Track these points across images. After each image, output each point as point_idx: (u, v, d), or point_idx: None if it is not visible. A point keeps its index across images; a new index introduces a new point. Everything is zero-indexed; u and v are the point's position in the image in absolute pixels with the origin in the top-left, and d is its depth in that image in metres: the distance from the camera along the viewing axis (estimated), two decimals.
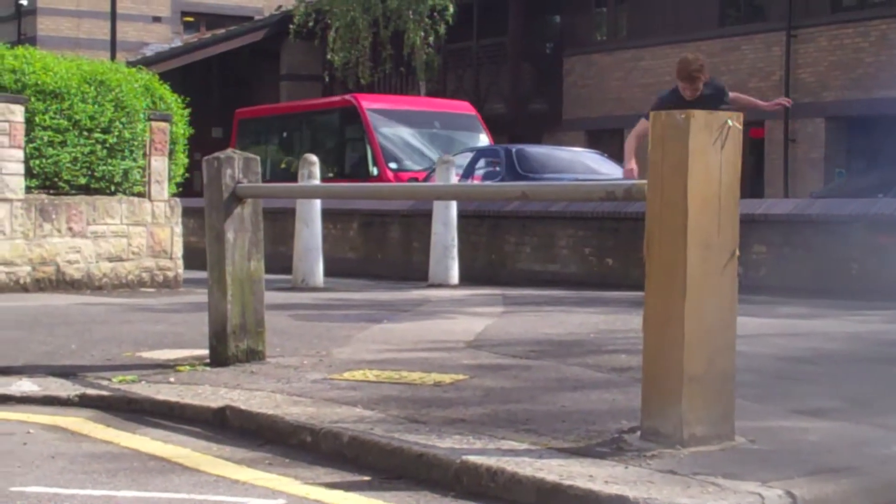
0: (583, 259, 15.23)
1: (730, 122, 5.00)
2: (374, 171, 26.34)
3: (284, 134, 32.11)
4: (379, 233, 18.70)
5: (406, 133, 26.98)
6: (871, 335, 9.14)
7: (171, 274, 15.13)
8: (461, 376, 7.07)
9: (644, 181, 5.18)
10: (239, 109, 34.30)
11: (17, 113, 13.34)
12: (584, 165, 22.10)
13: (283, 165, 30.59)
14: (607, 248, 14.77)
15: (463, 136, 27.12)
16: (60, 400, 6.86)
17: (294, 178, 28.63)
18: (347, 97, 29.53)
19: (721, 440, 5.03)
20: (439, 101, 29.52)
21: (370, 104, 27.78)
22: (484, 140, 27.16)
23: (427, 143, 26.29)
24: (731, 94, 10.78)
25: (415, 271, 16.36)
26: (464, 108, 28.81)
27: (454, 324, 10.35)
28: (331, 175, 28.41)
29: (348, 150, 28.35)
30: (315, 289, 14.88)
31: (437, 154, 23.40)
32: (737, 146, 5.03)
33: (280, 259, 14.61)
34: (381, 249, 18.55)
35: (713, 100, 10.16)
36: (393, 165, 25.53)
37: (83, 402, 6.81)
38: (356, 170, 27.49)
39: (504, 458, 4.91)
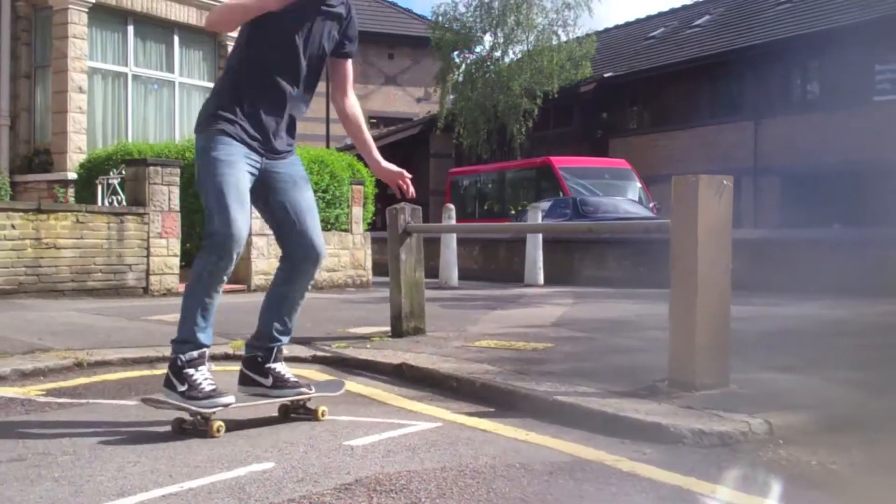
0: (623, 268, 15.06)
1: (725, 182, 4.91)
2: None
3: (489, 185, 31.75)
4: (492, 252, 18.65)
5: (585, 182, 26.13)
6: (815, 317, 8.94)
7: (364, 279, 15.20)
8: (549, 344, 7.00)
9: (669, 220, 5.09)
10: (451, 170, 34.23)
11: None
12: (623, 208, 21.93)
13: (485, 207, 30.44)
14: (640, 261, 14.59)
15: (623, 183, 26.28)
16: (301, 358, 6.88)
17: (494, 215, 28.24)
18: (544, 159, 28.58)
19: (721, 387, 4.91)
20: (605, 160, 28.59)
21: (560, 164, 27.04)
22: (638, 186, 26.31)
23: (600, 189, 25.43)
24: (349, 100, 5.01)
25: (515, 276, 16.29)
26: (622, 164, 27.81)
27: (542, 310, 10.26)
28: (516, 212, 27.87)
29: (543, 196, 26.43)
30: (452, 288, 14.88)
31: (609, 196, 22.97)
32: (729, 197, 4.93)
33: (431, 269, 14.58)
34: (494, 262, 18.49)
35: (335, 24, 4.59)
36: None
37: (315, 360, 6.84)
38: (550, 210, 26.87)
39: (580, 398, 4.84)
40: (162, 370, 6.42)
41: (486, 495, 3.43)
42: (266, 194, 4.57)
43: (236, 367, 6.60)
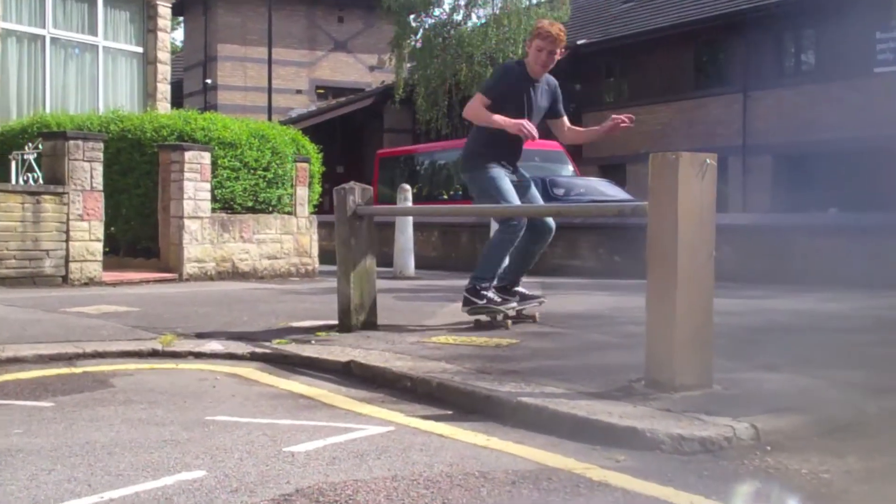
0: (597, 257, 15.12)
1: (708, 161, 4.93)
2: None
3: (416, 168, 31.68)
4: (453, 238, 18.66)
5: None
6: (809, 311, 9.00)
7: (310, 268, 15.16)
8: (514, 340, 7.01)
9: (646, 202, 5.11)
10: (379, 151, 34.07)
11: (206, 158, 13.40)
12: (597, 190, 21.99)
13: (414, 190, 30.37)
14: (616, 249, 14.65)
15: (555, 166, 26.26)
16: (237, 356, 6.88)
17: (423, 199, 28.37)
18: None
19: (703, 387, 4.94)
20: (536, 142, 28.77)
21: None
22: (570, 169, 26.51)
23: (529, 172, 25.53)
24: (568, 126, 8.53)
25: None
26: (554, 146, 27.86)
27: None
28: (448, 196, 27.95)
29: None
30: (408, 278, 14.86)
31: (538, 180, 23.04)
32: (713, 177, 4.96)
33: (385, 257, 14.54)
34: (455, 250, 18.49)
35: (546, 97, 8.08)
36: None
37: (253, 358, 6.82)
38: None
39: (547, 399, 4.86)
40: (82, 368, 6.40)
41: None
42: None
43: (164, 364, 6.61)
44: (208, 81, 44.99)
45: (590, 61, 34.67)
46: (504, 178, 7.95)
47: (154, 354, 6.95)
